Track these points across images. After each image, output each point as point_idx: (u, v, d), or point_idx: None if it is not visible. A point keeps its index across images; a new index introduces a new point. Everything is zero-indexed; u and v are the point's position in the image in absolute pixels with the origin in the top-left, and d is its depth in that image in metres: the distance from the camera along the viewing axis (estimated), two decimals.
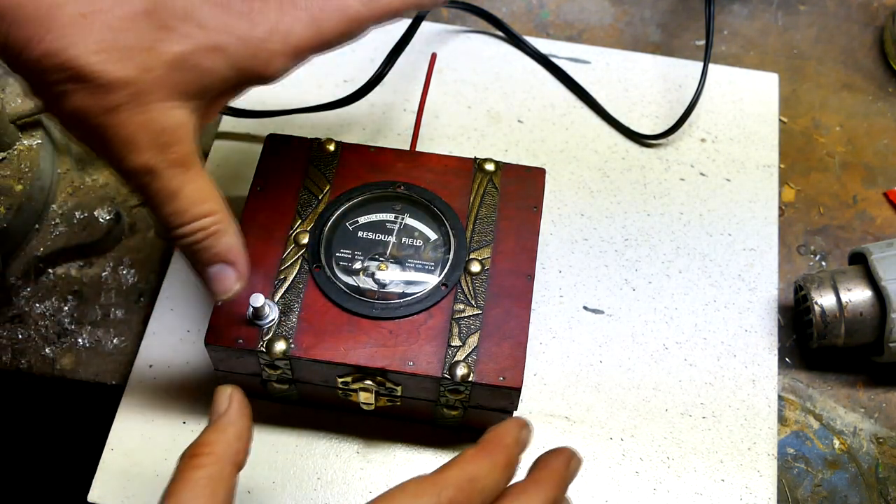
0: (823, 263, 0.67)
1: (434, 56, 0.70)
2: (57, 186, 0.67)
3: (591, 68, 0.74)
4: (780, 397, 0.61)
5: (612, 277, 0.65)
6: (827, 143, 0.72)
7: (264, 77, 0.45)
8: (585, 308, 0.63)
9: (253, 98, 0.71)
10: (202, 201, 0.45)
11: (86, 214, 0.66)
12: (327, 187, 0.58)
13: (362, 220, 0.57)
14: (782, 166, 0.71)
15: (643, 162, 0.70)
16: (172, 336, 0.61)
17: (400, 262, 0.56)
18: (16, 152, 0.64)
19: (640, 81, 0.74)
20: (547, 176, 0.65)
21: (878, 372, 0.62)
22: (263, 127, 0.69)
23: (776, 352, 0.62)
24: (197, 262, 0.47)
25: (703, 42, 0.76)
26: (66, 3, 0.39)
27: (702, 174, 0.69)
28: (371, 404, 0.55)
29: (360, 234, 0.57)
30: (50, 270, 0.64)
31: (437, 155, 0.60)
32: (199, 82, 0.43)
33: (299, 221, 0.57)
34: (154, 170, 0.43)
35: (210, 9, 0.43)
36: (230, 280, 0.47)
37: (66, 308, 0.63)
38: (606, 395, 0.60)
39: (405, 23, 0.70)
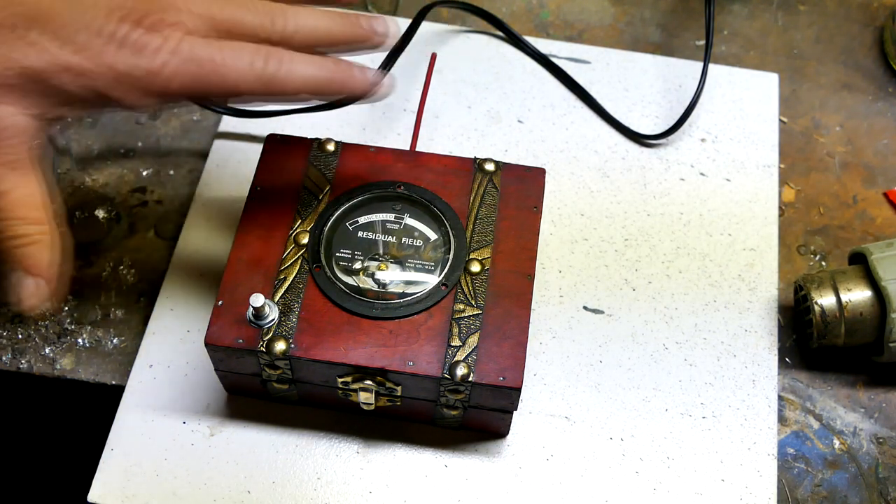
0: (823, 263, 0.67)
1: (434, 56, 0.70)
2: (57, 186, 0.67)
3: (591, 68, 0.74)
4: (780, 397, 0.61)
5: (612, 277, 0.65)
6: (827, 143, 0.72)
7: (125, 107, 0.46)
8: (585, 308, 0.63)
9: None
10: (31, 207, 0.45)
11: (86, 214, 0.66)
12: (327, 187, 0.58)
13: (362, 220, 0.57)
14: (782, 166, 0.71)
15: (643, 162, 0.70)
16: (172, 336, 0.61)
17: (400, 262, 0.56)
18: None
19: (640, 81, 0.74)
20: (547, 176, 0.65)
21: (878, 372, 0.62)
22: (263, 127, 0.69)
23: (776, 352, 0.62)
24: (10, 263, 0.46)
25: (703, 42, 0.77)
26: None
27: (702, 174, 0.69)
28: (371, 404, 0.55)
29: (360, 234, 0.57)
30: None
31: (437, 155, 0.60)
32: (47, 96, 0.44)
33: (299, 221, 0.57)
34: None
35: (85, 33, 0.44)
36: (32, 298, 0.46)
37: (66, 308, 0.63)
38: (606, 395, 0.60)
39: (405, 23, 0.70)
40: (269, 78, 0.46)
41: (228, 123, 0.70)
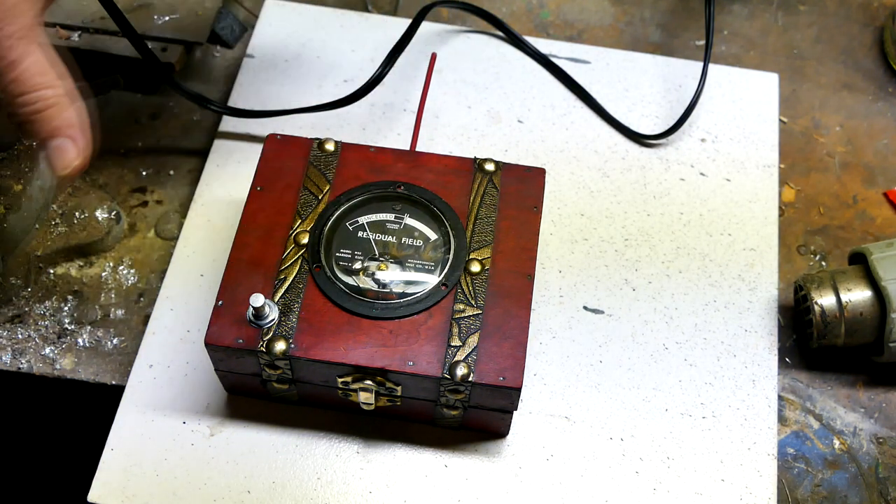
0: (823, 263, 0.67)
1: (434, 56, 0.70)
2: (57, 186, 0.67)
3: (591, 68, 0.74)
4: (780, 397, 0.61)
5: (612, 277, 0.65)
6: (827, 143, 0.72)
7: None
8: (585, 308, 0.63)
9: (253, 98, 0.71)
10: (42, 73, 0.48)
11: (86, 214, 0.66)
12: (327, 187, 0.58)
13: (362, 220, 0.57)
14: (782, 166, 0.71)
15: (643, 162, 0.70)
16: (172, 336, 0.61)
17: (400, 262, 0.56)
18: (16, 152, 0.64)
19: (640, 81, 0.74)
20: (547, 176, 0.65)
21: (878, 372, 0.62)
22: (263, 127, 0.69)
23: (776, 352, 0.62)
24: (38, 134, 0.48)
25: (703, 42, 0.77)
26: None
27: (702, 174, 0.69)
28: (371, 404, 0.55)
29: (360, 234, 0.57)
30: (50, 270, 0.64)
31: (437, 155, 0.60)
32: None
33: (299, 221, 0.57)
34: None
35: None
36: (70, 155, 0.49)
37: (66, 308, 0.63)
38: (606, 395, 0.60)
39: (405, 23, 0.70)
40: None
41: (228, 123, 0.70)
